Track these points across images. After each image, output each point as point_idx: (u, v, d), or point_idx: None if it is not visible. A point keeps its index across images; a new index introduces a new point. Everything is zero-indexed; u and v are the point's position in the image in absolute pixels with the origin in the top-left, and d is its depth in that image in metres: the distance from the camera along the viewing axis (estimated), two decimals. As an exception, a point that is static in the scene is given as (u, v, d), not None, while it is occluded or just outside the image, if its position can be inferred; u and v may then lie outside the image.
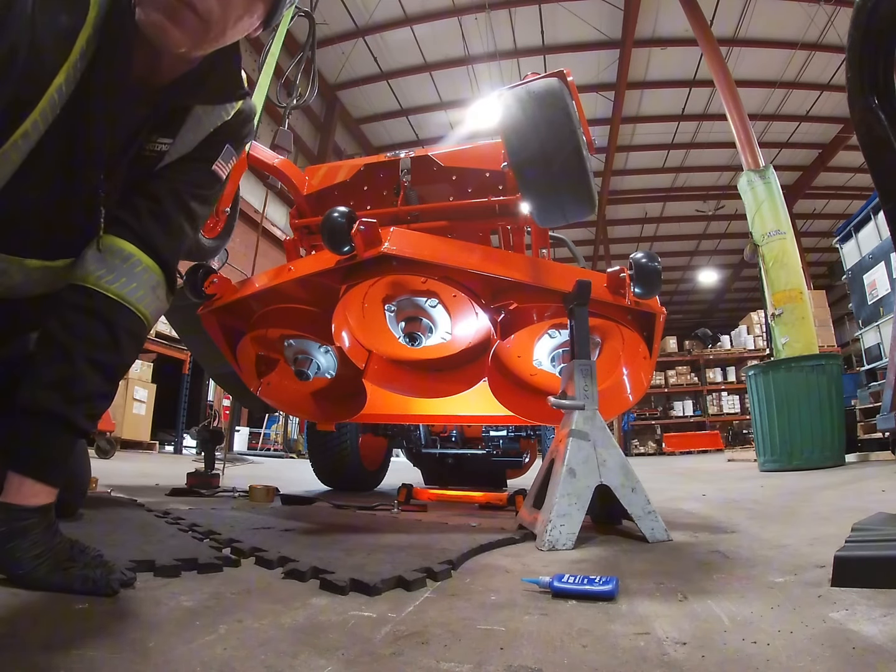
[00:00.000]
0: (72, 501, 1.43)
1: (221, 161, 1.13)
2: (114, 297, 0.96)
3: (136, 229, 1.01)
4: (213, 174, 1.12)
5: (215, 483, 2.93)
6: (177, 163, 1.07)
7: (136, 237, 1.00)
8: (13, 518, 0.83)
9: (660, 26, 10.51)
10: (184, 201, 1.07)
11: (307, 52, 2.87)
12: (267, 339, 2.13)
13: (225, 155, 1.13)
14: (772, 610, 0.84)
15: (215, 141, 1.10)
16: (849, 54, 1.08)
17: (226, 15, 0.90)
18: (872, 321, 5.97)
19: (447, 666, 0.65)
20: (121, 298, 0.97)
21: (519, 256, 2.00)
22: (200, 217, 1.13)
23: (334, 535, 1.51)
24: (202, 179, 1.11)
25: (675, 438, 14.42)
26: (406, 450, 3.68)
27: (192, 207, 1.09)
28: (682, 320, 22.90)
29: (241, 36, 1.00)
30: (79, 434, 0.92)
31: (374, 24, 10.33)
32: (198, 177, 1.10)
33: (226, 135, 1.12)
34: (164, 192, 1.05)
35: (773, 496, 2.82)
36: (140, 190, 1.04)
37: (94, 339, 0.93)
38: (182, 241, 1.10)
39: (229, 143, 1.13)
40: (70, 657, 0.61)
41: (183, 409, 7.89)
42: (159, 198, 1.04)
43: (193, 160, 1.09)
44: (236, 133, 1.15)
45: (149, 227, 1.02)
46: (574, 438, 1.53)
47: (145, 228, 1.01)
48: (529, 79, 1.81)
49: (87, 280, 0.95)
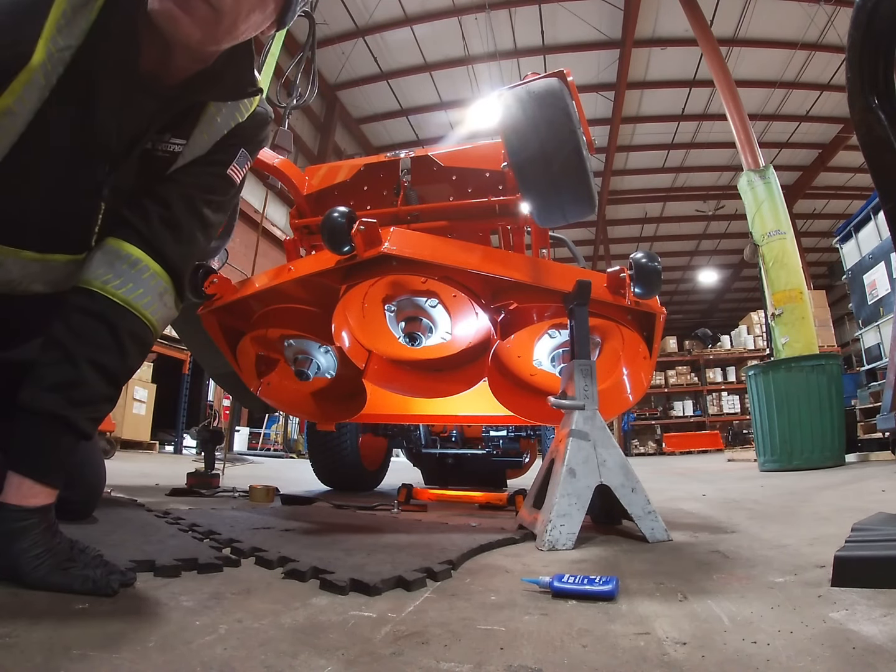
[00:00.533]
0: (89, 504, 1.43)
1: (236, 165, 1.10)
2: (119, 301, 0.95)
3: (146, 234, 0.99)
4: (227, 179, 1.10)
5: (215, 483, 2.93)
6: (190, 165, 1.05)
7: (145, 242, 0.99)
8: (13, 518, 0.83)
9: (660, 26, 10.52)
10: (196, 208, 1.05)
11: (307, 52, 2.88)
12: (267, 339, 2.13)
13: (240, 160, 1.11)
14: (772, 610, 0.84)
15: (230, 144, 1.08)
16: (849, 54, 1.08)
17: (238, 6, 0.89)
18: (872, 321, 5.97)
19: (447, 666, 0.65)
20: (126, 304, 0.96)
21: (519, 256, 2.00)
22: (214, 225, 1.11)
23: (334, 535, 1.51)
24: (216, 184, 1.09)
25: (675, 438, 14.43)
26: (406, 450, 3.68)
27: (204, 214, 1.07)
28: (682, 320, 22.90)
29: (255, 33, 0.99)
30: (80, 436, 0.92)
31: (374, 24, 10.34)
32: (211, 182, 1.08)
33: (240, 138, 1.10)
34: (176, 197, 1.03)
35: (773, 496, 2.82)
36: (152, 193, 1.02)
37: (98, 342, 0.93)
38: (194, 248, 1.08)
39: (244, 147, 1.11)
40: (70, 657, 0.61)
41: (183, 409, 7.90)
42: (170, 203, 1.02)
43: (207, 163, 1.07)
44: (251, 137, 1.12)
45: (158, 232, 1.00)
46: (574, 438, 1.53)
47: (155, 234, 1.00)
48: (529, 79, 1.81)
49: (93, 283, 0.95)
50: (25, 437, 0.88)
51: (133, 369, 1.02)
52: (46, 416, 0.87)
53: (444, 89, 12.04)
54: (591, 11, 10.13)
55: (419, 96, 12.30)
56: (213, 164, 1.08)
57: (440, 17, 10.26)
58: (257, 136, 1.15)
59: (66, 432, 0.89)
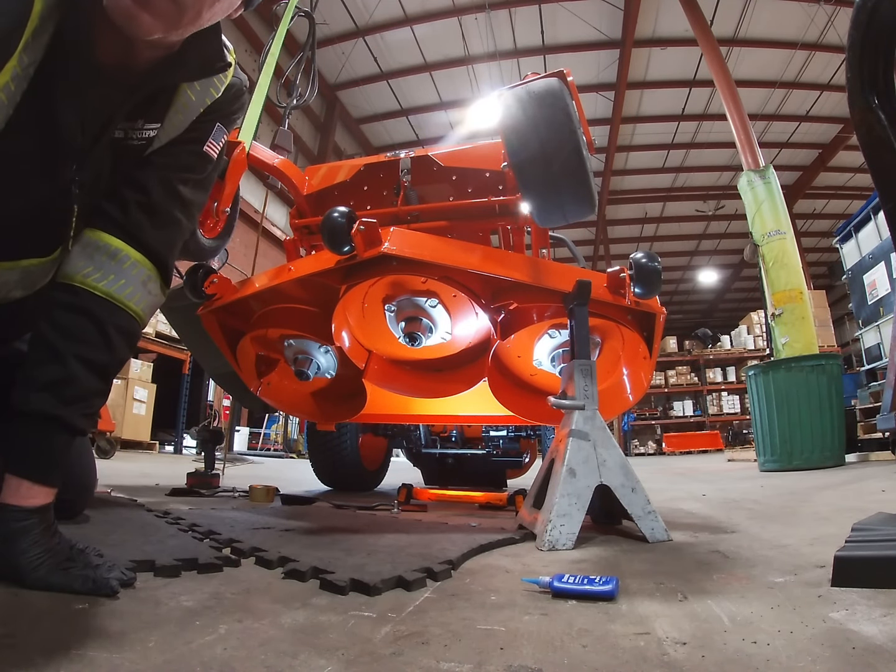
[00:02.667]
0: (77, 503, 1.42)
1: (212, 141, 1.08)
2: (102, 295, 0.94)
3: (123, 223, 0.98)
4: (204, 156, 1.08)
5: (215, 483, 2.93)
6: (166, 147, 1.03)
7: (124, 231, 0.98)
8: (12, 519, 0.83)
9: (660, 26, 10.52)
10: (174, 189, 1.03)
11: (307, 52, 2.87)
12: (267, 339, 2.13)
13: (216, 134, 1.09)
14: (772, 610, 0.84)
15: (206, 120, 1.06)
16: (849, 54, 1.08)
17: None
18: (872, 321, 5.97)
19: (447, 666, 0.65)
20: (109, 296, 0.95)
21: (519, 256, 2.00)
22: (194, 203, 1.09)
23: (334, 535, 1.51)
24: (193, 162, 1.07)
25: (675, 438, 14.43)
26: (406, 450, 3.68)
27: (183, 194, 1.05)
28: (682, 320, 22.90)
29: (221, 17, 0.94)
30: (75, 433, 0.92)
31: (374, 24, 10.34)
32: (189, 160, 1.06)
33: (216, 113, 1.08)
34: (154, 181, 1.01)
35: (773, 496, 2.82)
36: (128, 181, 1.00)
37: (85, 338, 0.92)
38: (176, 231, 1.06)
39: (220, 121, 1.09)
40: (70, 657, 0.61)
41: (183, 409, 7.89)
42: (148, 188, 1.00)
43: (184, 142, 1.05)
44: (226, 110, 1.10)
45: (137, 219, 0.99)
46: (574, 438, 1.53)
47: (133, 221, 0.98)
48: (529, 79, 1.81)
49: (74, 278, 0.94)
50: (21, 438, 0.87)
51: (122, 361, 1.01)
52: (40, 416, 0.87)
53: (444, 89, 12.04)
54: (591, 11, 10.13)
55: (419, 96, 12.30)
56: (190, 143, 1.06)
57: (440, 17, 10.26)
58: (232, 108, 1.12)
59: (60, 431, 0.89)
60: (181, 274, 1.98)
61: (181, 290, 1.92)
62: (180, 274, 1.99)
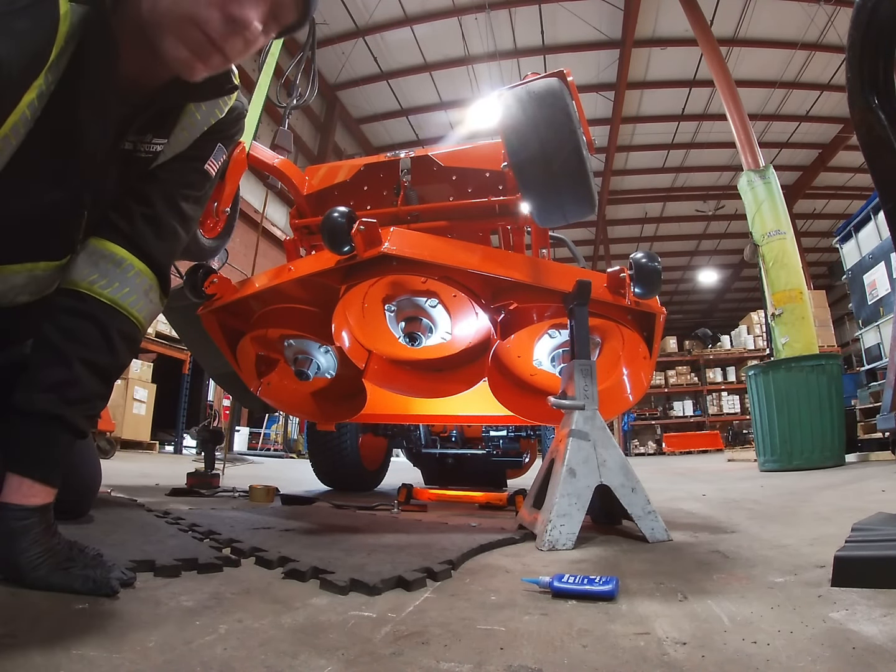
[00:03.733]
0: (82, 504, 1.43)
1: (213, 160, 1.14)
2: (107, 301, 0.97)
3: (129, 234, 1.02)
4: (205, 174, 1.13)
5: (215, 483, 2.93)
6: (171, 162, 1.07)
7: (129, 242, 1.01)
8: (13, 518, 0.83)
9: (660, 26, 10.52)
10: (176, 203, 1.08)
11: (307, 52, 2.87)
12: (267, 339, 2.13)
13: (216, 154, 1.14)
14: (772, 610, 0.84)
15: (208, 140, 1.11)
16: (849, 54, 1.08)
17: (248, 51, 0.92)
18: (872, 321, 5.97)
19: (447, 666, 0.65)
20: (113, 303, 0.98)
21: (519, 256, 2.00)
22: (192, 219, 1.14)
23: (334, 535, 1.51)
24: (194, 179, 1.12)
25: (675, 438, 14.43)
26: (406, 450, 3.68)
27: (184, 209, 1.10)
28: (682, 320, 22.89)
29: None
30: (77, 434, 0.93)
31: (374, 24, 10.34)
32: (190, 177, 1.11)
33: (219, 134, 1.13)
34: (158, 194, 1.06)
35: (773, 496, 2.82)
36: (133, 193, 1.04)
37: (90, 342, 0.95)
38: (175, 243, 1.11)
39: (221, 142, 1.14)
40: (70, 657, 0.61)
41: (183, 409, 7.89)
42: (152, 201, 1.05)
43: (187, 159, 1.09)
44: (228, 132, 1.16)
45: (141, 231, 1.03)
46: (574, 438, 1.53)
47: (138, 233, 1.02)
48: (529, 79, 1.81)
49: (80, 285, 0.97)
50: (23, 437, 0.88)
51: (124, 366, 1.04)
52: (42, 415, 0.88)
53: (444, 89, 12.04)
54: (591, 11, 10.13)
55: (419, 96, 12.30)
56: (193, 160, 1.10)
57: (440, 17, 10.26)
58: (233, 129, 1.18)
59: (62, 431, 0.91)
60: (181, 274, 1.98)
61: (181, 290, 1.92)
62: (180, 274, 1.99)
